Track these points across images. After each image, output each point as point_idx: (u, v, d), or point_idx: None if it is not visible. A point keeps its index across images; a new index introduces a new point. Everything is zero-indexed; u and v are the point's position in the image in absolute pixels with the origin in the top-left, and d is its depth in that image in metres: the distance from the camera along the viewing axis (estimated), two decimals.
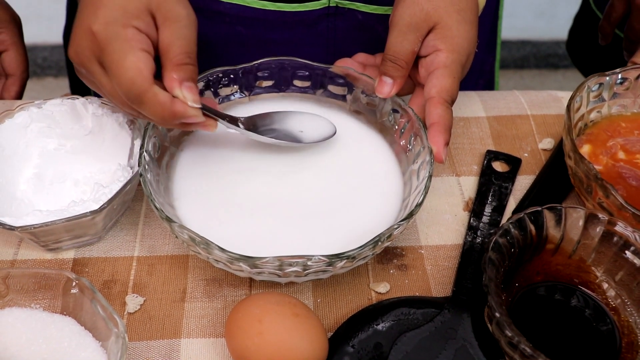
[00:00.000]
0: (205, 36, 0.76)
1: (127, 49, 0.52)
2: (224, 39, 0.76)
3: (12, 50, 0.80)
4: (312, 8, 0.73)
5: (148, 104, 0.53)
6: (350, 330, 0.55)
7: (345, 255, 0.52)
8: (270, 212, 0.60)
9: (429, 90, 0.61)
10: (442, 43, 0.61)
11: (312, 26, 0.75)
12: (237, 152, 0.64)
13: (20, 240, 0.62)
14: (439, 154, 0.59)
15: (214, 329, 0.57)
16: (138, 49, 0.53)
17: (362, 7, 0.73)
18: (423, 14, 0.61)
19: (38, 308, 0.53)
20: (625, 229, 0.55)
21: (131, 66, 0.52)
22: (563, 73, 2.17)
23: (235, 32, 0.75)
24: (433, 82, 0.60)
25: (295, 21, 0.74)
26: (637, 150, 0.65)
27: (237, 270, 0.54)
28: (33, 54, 2.05)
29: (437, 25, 0.61)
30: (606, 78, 0.67)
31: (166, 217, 0.53)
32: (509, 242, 0.54)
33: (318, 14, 0.73)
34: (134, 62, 0.52)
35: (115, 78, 0.53)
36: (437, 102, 0.60)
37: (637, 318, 0.55)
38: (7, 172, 0.62)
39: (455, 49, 0.61)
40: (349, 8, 0.73)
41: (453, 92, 0.61)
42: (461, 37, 0.61)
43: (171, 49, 0.54)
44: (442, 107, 0.60)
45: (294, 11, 0.73)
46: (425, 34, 0.61)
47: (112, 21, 0.53)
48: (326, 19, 0.74)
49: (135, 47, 0.52)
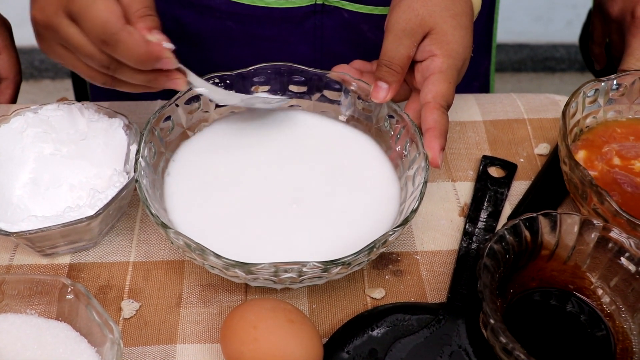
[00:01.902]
0: (196, 30, 0.77)
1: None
2: (214, 33, 0.77)
3: (5, 53, 0.80)
4: (299, 5, 0.73)
5: (123, 43, 0.52)
6: (345, 336, 0.55)
7: (341, 262, 0.52)
8: (266, 218, 0.60)
9: (425, 95, 0.61)
10: (438, 48, 0.61)
11: (299, 23, 0.75)
12: (232, 158, 0.64)
13: (16, 246, 0.62)
14: (434, 159, 0.59)
15: (210, 334, 0.57)
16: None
17: (348, 6, 0.74)
18: (418, 19, 0.61)
19: (33, 314, 0.53)
20: (620, 235, 0.55)
21: (103, 8, 0.52)
22: (560, 76, 2.17)
23: (225, 27, 0.76)
24: (429, 88, 0.61)
25: (283, 18, 0.74)
26: (632, 156, 0.66)
27: (232, 276, 0.54)
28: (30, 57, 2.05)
29: (432, 30, 0.61)
30: (602, 84, 0.67)
31: (162, 223, 0.53)
32: (504, 248, 0.55)
33: (305, 11, 0.74)
34: (103, 8, 0.52)
35: (87, 22, 0.52)
36: (433, 107, 0.60)
37: (631, 324, 0.55)
38: (3, 177, 0.62)
39: (451, 54, 0.61)
40: (335, 6, 0.74)
41: (449, 98, 0.61)
42: (457, 42, 0.61)
43: (132, 4, 0.54)
44: (437, 112, 0.60)
45: (281, 7, 0.73)
46: (420, 39, 0.62)
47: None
48: (313, 17, 0.75)
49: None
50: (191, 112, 0.65)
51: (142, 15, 0.54)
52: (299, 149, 0.65)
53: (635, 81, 0.67)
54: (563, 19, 2.05)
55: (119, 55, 0.53)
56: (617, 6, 0.78)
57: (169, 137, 0.63)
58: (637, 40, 0.74)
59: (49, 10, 0.54)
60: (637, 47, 0.73)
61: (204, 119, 0.66)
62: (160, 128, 0.62)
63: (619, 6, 0.78)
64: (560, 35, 2.08)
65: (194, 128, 0.66)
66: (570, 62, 2.16)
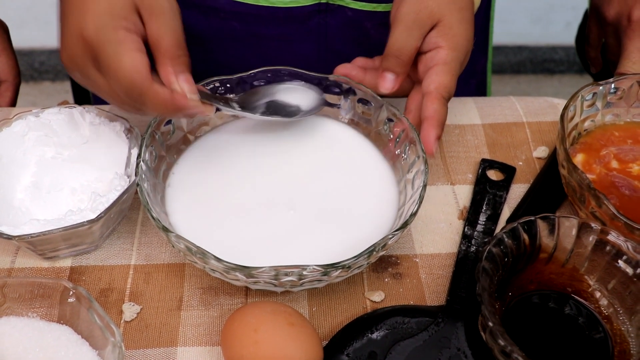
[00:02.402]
0: (199, 31, 0.77)
1: (122, 52, 0.53)
2: (218, 33, 0.77)
3: (3, 56, 0.81)
4: (304, 4, 0.74)
5: (150, 102, 0.55)
6: (345, 339, 0.55)
7: (341, 265, 0.52)
8: (266, 221, 0.60)
9: (428, 85, 0.62)
10: (444, 40, 0.62)
11: (303, 22, 0.76)
12: (233, 162, 0.64)
13: (18, 249, 0.62)
14: (430, 147, 0.60)
15: (210, 337, 0.57)
16: (132, 50, 0.54)
17: (351, 4, 0.74)
18: (427, 11, 0.62)
19: (35, 317, 0.54)
20: (618, 238, 0.55)
21: (128, 68, 0.53)
22: (559, 78, 2.18)
23: (230, 28, 0.76)
24: (432, 78, 0.62)
25: (287, 17, 0.75)
26: (630, 159, 0.66)
27: (233, 279, 0.54)
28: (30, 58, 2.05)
29: (439, 22, 0.62)
30: (599, 87, 0.67)
31: (163, 227, 0.54)
32: (503, 251, 0.55)
33: (309, 10, 0.75)
34: (130, 63, 0.53)
35: (113, 81, 0.54)
36: (434, 98, 0.61)
37: (629, 326, 0.56)
38: (5, 180, 0.63)
39: (456, 47, 0.62)
40: (339, 4, 0.75)
41: (451, 89, 0.62)
42: (461, 35, 0.63)
43: (161, 42, 0.55)
44: (438, 103, 0.61)
45: (286, 7, 0.74)
46: (427, 31, 0.63)
47: (101, 26, 0.54)
48: (317, 15, 0.75)
49: (128, 49, 0.54)
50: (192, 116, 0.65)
51: (172, 57, 0.56)
52: (299, 152, 0.66)
53: (633, 85, 0.68)
54: (562, 21, 2.05)
55: (145, 109, 0.56)
56: (613, 10, 0.78)
57: (170, 141, 0.64)
58: (633, 43, 0.74)
59: (78, 61, 0.55)
60: (633, 50, 0.74)
61: (205, 123, 0.67)
62: (161, 132, 0.62)
63: (615, 10, 0.78)
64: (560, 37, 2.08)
65: (195, 132, 0.66)
66: (570, 64, 2.17)
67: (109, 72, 0.54)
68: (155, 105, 0.55)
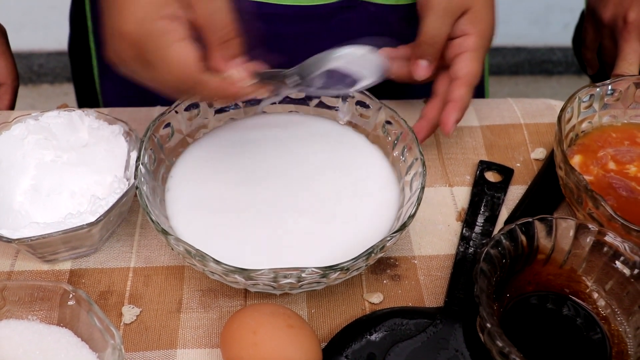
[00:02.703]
0: None
1: (166, 44, 0.50)
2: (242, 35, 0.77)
3: (1, 59, 0.81)
4: (328, 1, 0.74)
5: (202, 92, 0.53)
6: (344, 341, 0.56)
7: (339, 267, 0.52)
8: (265, 224, 0.60)
9: (457, 71, 0.64)
10: (473, 27, 0.64)
11: (326, 20, 0.76)
12: (231, 165, 0.65)
13: (17, 252, 0.63)
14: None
15: (210, 339, 0.57)
16: (175, 41, 0.50)
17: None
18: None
19: (35, 320, 0.54)
20: (615, 239, 0.56)
21: (175, 62, 0.50)
22: (557, 79, 2.18)
23: (254, 29, 0.76)
24: (461, 65, 0.64)
25: (311, 15, 0.75)
26: (627, 161, 0.66)
27: (232, 281, 0.54)
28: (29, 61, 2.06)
29: (469, 9, 0.64)
30: (597, 89, 0.68)
31: (162, 230, 0.54)
32: (500, 252, 0.55)
33: (334, 7, 0.75)
34: (177, 56, 0.50)
35: (162, 74, 0.51)
36: (462, 83, 0.63)
37: (626, 327, 0.56)
38: (4, 183, 0.63)
39: (483, 35, 0.64)
40: (361, 1, 0.75)
41: (478, 77, 0.64)
42: (488, 22, 0.65)
43: (210, 25, 0.52)
44: (465, 89, 0.63)
45: (310, 5, 0.74)
46: (457, 18, 0.64)
47: (142, 18, 0.50)
48: (340, 13, 0.75)
49: (172, 40, 0.50)
50: (191, 119, 0.65)
51: (222, 42, 0.53)
52: (298, 154, 0.66)
53: (630, 86, 0.68)
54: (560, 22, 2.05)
55: (198, 98, 0.56)
56: (609, 11, 0.79)
57: (169, 144, 0.64)
58: (629, 45, 0.74)
59: (124, 57, 0.52)
60: (629, 52, 0.74)
61: (204, 125, 0.67)
62: (160, 135, 0.62)
63: (611, 11, 0.78)
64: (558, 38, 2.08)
65: (194, 134, 0.66)
66: (568, 65, 2.17)
67: (156, 67, 0.51)
68: (207, 94, 0.54)
